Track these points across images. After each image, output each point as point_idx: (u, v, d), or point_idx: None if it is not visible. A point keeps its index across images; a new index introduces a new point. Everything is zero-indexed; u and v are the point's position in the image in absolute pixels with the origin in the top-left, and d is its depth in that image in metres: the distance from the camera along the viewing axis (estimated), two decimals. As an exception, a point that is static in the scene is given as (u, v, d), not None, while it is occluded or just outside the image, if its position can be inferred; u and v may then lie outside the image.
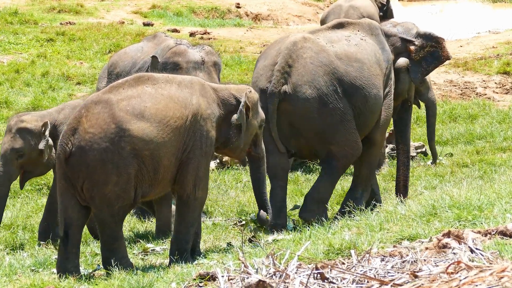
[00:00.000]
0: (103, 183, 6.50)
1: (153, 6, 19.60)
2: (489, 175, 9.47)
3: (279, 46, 8.04)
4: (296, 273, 4.90)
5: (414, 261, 4.97)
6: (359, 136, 8.07)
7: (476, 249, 4.99)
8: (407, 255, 5.07)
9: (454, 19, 20.85)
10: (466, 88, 13.98)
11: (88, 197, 6.57)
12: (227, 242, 7.44)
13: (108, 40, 15.65)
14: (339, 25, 8.32)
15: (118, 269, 6.44)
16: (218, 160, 10.57)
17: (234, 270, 5.23)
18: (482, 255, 4.90)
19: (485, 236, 5.37)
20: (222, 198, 9.28)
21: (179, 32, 16.90)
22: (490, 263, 4.73)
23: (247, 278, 4.89)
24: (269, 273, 4.95)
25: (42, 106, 11.89)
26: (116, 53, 9.88)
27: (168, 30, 16.68)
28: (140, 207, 8.48)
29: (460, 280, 4.32)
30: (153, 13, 19.13)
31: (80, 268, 6.73)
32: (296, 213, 8.55)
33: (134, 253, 7.35)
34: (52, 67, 14.12)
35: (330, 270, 4.88)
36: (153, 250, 7.42)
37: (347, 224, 6.67)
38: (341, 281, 4.77)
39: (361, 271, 4.85)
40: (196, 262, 6.72)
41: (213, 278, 5.47)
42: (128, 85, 6.71)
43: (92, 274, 6.66)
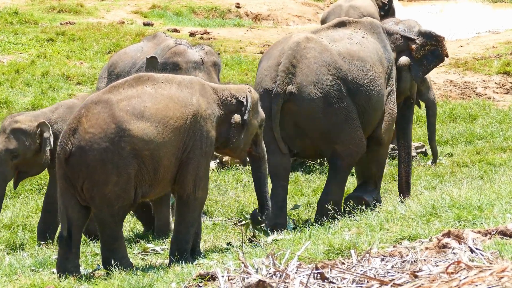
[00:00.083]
0: (103, 183, 6.50)
1: (153, 6, 19.60)
2: (489, 175, 9.47)
3: (282, 47, 8.03)
4: (296, 273, 4.90)
5: (414, 261, 4.97)
6: (364, 134, 8.10)
7: (476, 249, 4.99)
8: (407, 255, 5.07)
9: (454, 19, 20.84)
10: (466, 88, 13.98)
11: (88, 197, 6.57)
12: (227, 242, 7.44)
13: (108, 40, 15.65)
14: (341, 24, 8.32)
15: (118, 269, 6.44)
16: (218, 160, 10.57)
17: (234, 270, 5.23)
18: (482, 255, 4.90)
19: (485, 236, 5.37)
20: (222, 198, 9.28)
21: (179, 32, 16.89)
22: (490, 263, 4.73)
23: (247, 278, 4.89)
24: (269, 273, 4.95)
25: (42, 106, 11.86)
26: (116, 53, 9.88)
27: (168, 30, 16.67)
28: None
29: (460, 280, 4.32)
30: (153, 13, 19.12)
31: (80, 268, 6.73)
32: (296, 213, 8.55)
33: (134, 253, 7.35)
34: (52, 67, 14.12)
35: (330, 270, 4.88)
36: (153, 250, 7.42)
37: (347, 224, 6.67)
38: (341, 281, 4.77)
39: (361, 271, 4.85)
40: (196, 262, 6.72)
41: (213, 278, 5.47)
42: (128, 85, 6.71)
43: (92, 274, 6.66)
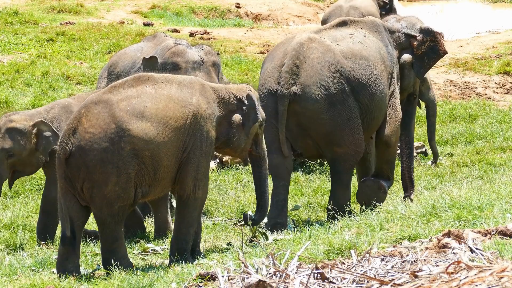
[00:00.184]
0: (103, 183, 6.51)
1: (153, 6, 19.60)
2: (489, 175, 9.46)
3: (285, 48, 8.03)
4: (296, 273, 4.90)
5: (414, 261, 4.97)
6: (368, 134, 8.14)
7: (476, 249, 4.99)
8: (407, 255, 5.08)
9: (454, 19, 20.84)
10: (466, 88, 13.98)
11: (88, 197, 6.57)
12: (227, 242, 7.43)
13: (108, 40, 15.64)
14: (342, 24, 8.32)
15: (118, 269, 6.45)
16: (218, 160, 10.57)
17: (234, 270, 5.23)
18: (482, 255, 4.90)
19: (485, 236, 5.37)
20: (222, 198, 9.27)
21: (179, 32, 16.89)
22: (490, 263, 4.73)
23: (247, 278, 4.89)
24: (269, 273, 4.95)
25: (42, 106, 11.86)
26: (116, 54, 9.88)
27: (168, 30, 16.67)
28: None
29: (460, 280, 4.32)
30: (153, 13, 19.12)
31: (80, 268, 6.73)
32: (296, 213, 8.54)
33: (134, 253, 7.35)
34: (52, 67, 14.11)
35: (330, 270, 4.88)
36: (153, 250, 7.42)
37: (347, 224, 6.67)
38: (341, 281, 4.77)
39: (361, 271, 4.85)
40: (196, 262, 6.72)
41: (213, 278, 5.47)
42: (128, 85, 6.71)
43: (92, 274, 6.66)
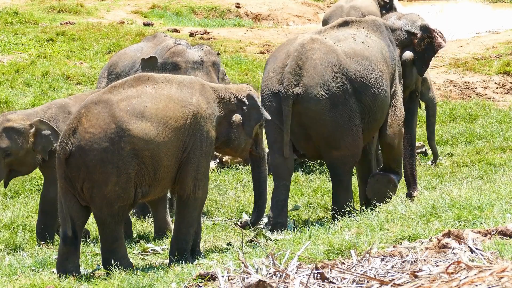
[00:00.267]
0: (103, 183, 6.51)
1: (153, 6, 19.60)
2: (489, 175, 9.46)
3: (287, 49, 8.02)
4: (296, 273, 4.90)
5: (414, 261, 4.97)
6: (370, 134, 8.16)
7: (476, 249, 4.99)
8: (407, 255, 5.08)
9: (454, 19, 20.83)
10: (466, 88, 13.98)
11: (88, 197, 6.57)
12: (227, 242, 7.43)
13: (108, 40, 15.65)
14: (344, 24, 8.33)
15: (118, 269, 6.45)
16: (218, 160, 10.57)
17: (234, 270, 5.23)
18: (482, 255, 4.90)
19: (485, 236, 5.37)
20: (222, 198, 9.27)
21: (179, 32, 16.89)
22: (490, 263, 4.73)
23: (247, 278, 4.89)
24: (269, 273, 4.95)
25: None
26: (116, 54, 9.89)
27: (168, 30, 16.68)
28: (140, 206, 8.48)
29: (460, 280, 4.32)
30: (153, 13, 19.12)
31: (80, 268, 6.73)
32: (296, 213, 8.54)
33: (134, 253, 7.35)
34: (52, 67, 14.11)
35: (330, 270, 4.88)
36: (153, 250, 7.42)
37: (347, 224, 6.67)
38: (341, 281, 4.77)
39: (361, 271, 4.85)
40: (196, 262, 6.72)
41: (213, 278, 5.47)
42: (128, 85, 6.71)
43: (92, 274, 6.66)
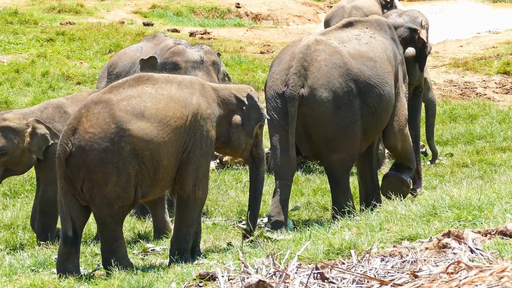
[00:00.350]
0: (103, 183, 6.50)
1: (153, 6, 19.61)
2: (489, 175, 9.45)
3: (292, 50, 8.02)
4: (296, 273, 4.90)
5: (414, 261, 4.97)
6: (374, 135, 8.18)
7: (476, 249, 4.99)
8: (407, 255, 5.08)
9: (454, 19, 20.84)
10: (466, 88, 13.98)
11: (88, 197, 6.57)
12: (227, 242, 7.43)
13: (108, 40, 15.65)
14: (348, 24, 8.33)
15: (118, 269, 6.45)
16: (218, 160, 10.57)
17: (234, 270, 5.23)
18: (482, 255, 4.90)
19: (485, 236, 5.37)
20: (222, 198, 9.27)
21: (179, 32, 16.90)
22: (490, 263, 4.73)
23: (247, 278, 4.89)
24: (269, 273, 4.95)
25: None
26: (116, 54, 9.89)
27: (168, 30, 16.69)
28: (140, 206, 8.48)
29: (460, 280, 4.32)
30: (153, 13, 19.13)
31: (80, 268, 6.73)
32: (296, 213, 8.54)
33: (134, 253, 7.35)
34: (52, 67, 14.12)
35: (330, 270, 4.88)
36: (153, 250, 7.42)
37: (347, 224, 6.67)
38: (341, 281, 4.77)
39: (361, 271, 4.85)
40: (196, 262, 6.72)
41: (213, 278, 5.47)
42: (128, 85, 6.71)
43: (92, 274, 6.66)
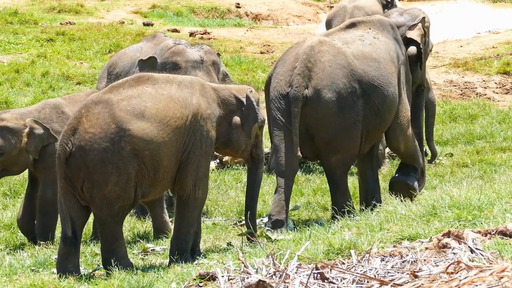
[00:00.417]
0: (103, 183, 6.50)
1: (153, 6, 19.62)
2: (489, 175, 9.46)
3: (296, 51, 8.02)
4: (296, 273, 4.90)
5: (414, 261, 4.97)
6: (377, 136, 8.18)
7: (476, 249, 4.99)
8: (407, 255, 5.08)
9: (454, 19, 20.85)
10: (466, 88, 13.98)
11: (88, 197, 6.57)
12: (227, 242, 7.43)
13: (108, 40, 15.65)
14: (351, 25, 8.33)
15: (118, 269, 6.45)
16: (218, 160, 10.57)
17: (234, 270, 5.23)
18: (482, 255, 4.90)
19: (485, 236, 5.37)
20: (222, 198, 9.27)
21: (179, 32, 16.91)
22: (490, 263, 4.73)
23: (247, 278, 4.89)
24: (269, 273, 4.95)
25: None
26: (116, 54, 9.89)
27: (168, 30, 16.69)
28: (140, 206, 8.48)
29: (460, 280, 4.32)
30: (153, 13, 19.14)
31: (80, 268, 6.73)
32: (296, 213, 8.54)
33: (134, 253, 7.35)
34: (52, 67, 14.12)
35: (330, 270, 4.88)
36: (153, 250, 7.42)
37: (347, 224, 6.67)
38: (341, 281, 4.77)
39: (361, 271, 4.85)
40: (196, 262, 6.72)
41: (213, 278, 5.47)
42: (128, 85, 6.71)
43: (92, 274, 6.66)
